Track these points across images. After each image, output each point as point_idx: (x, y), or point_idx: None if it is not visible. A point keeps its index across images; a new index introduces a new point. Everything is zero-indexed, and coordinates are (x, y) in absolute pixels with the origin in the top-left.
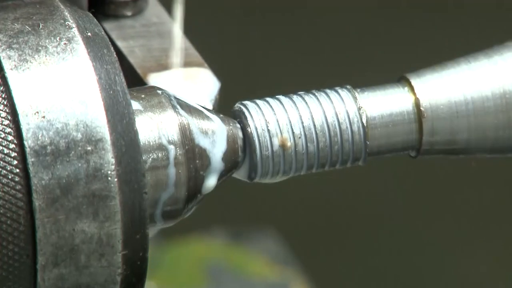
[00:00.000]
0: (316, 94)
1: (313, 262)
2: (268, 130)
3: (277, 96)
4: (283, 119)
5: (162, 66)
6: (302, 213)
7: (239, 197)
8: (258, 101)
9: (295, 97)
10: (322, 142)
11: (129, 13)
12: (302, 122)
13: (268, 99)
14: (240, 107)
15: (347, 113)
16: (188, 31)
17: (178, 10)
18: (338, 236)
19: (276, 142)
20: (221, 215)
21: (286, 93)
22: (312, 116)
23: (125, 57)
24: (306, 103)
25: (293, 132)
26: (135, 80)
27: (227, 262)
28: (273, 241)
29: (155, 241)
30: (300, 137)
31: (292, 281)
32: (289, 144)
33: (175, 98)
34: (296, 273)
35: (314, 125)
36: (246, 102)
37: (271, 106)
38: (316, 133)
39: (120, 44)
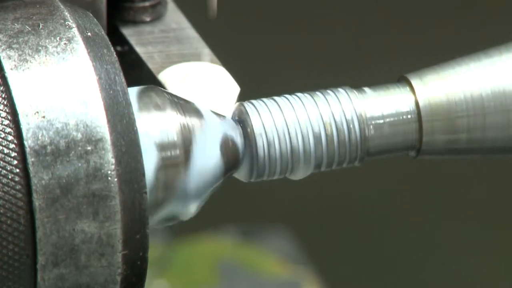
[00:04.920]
0: (316, 94)
1: (325, 260)
2: (268, 130)
3: (277, 97)
4: (283, 119)
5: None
6: (313, 211)
7: (250, 196)
8: (258, 101)
9: (295, 98)
10: (322, 142)
11: (147, 19)
12: (302, 122)
13: (268, 99)
14: (240, 107)
15: (347, 113)
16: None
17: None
18: (349, 235)
19: (276, 141)
20: (232, 214)
21: (286, 94)
22: (311, 116)
23: (144, 63)
24: (306, 103)
25: (293, 132)
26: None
27: (238, 261)
28: (284, 240)
29: (166, 240)
30: (300, 137)
31: (304, 280)
32: None
33: (176, 97)
34: (308, 272)
35: (314, 125)
36: (246, 102)
37: (271, 106)
38: (316, 133)
39: (139, 49)
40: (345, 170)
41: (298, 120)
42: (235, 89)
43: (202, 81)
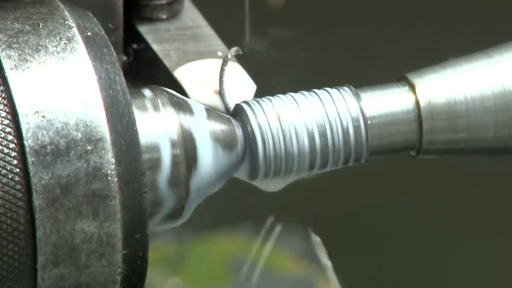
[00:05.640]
0: (316, 93)
1: (339, 257)
2: (268, 129)
3: (277, 96)
4: (283, 119)
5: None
6: (328, 208)
7: (265, 193)
8: (258, 100)
9: (295, 96)
10: (324, 142)
11: (164, 16)
12: (303, 121)
13: (268, 98)
14: (240, 106)
15: (347, 112)
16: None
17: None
18: (364, 232)
19: (277, 140)
20: (246, 211)
21: (287, 92)
22: (312, 115)
23: (161, 61)
24: (306, 102)
25: (293, 132)
26: (170, 84)
27: (252, 258)
28: (299, 237)
29: (180, 238)
30: (301, 136)
31: (318, 277)
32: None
33: (176, 97)
34: (322, 269)
35: (314, 125)
36: (247, 101)
37: (271, 106)
38: (318, 132)
39: (155, 47)
40: (360, 168)
41: (298, 119)
42: (252, 86)
43: (219, 79)
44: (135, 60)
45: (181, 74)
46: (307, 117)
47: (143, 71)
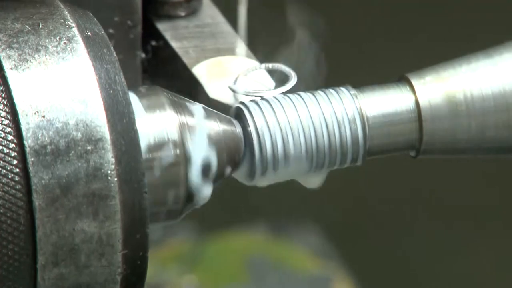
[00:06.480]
0: (316, 93)
1: (355, 255)
2: (268, 130)
3: (277, 96)
4: (283, 119)
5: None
6: (343, 206)
7: (280, 191)
8: (258, 101)
9: (295, 97)
10: (323, 142)
11: (182, 14)
12: (302, 122)
13: (268, 98)
14: (240, 107)
15: (347, 112)
16: None
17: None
18: (380, 230)
19: (277, 141)
20: (262, 209)
21: (287, 93)
22: (312, 115)
23: (179, 58)
24: (306, 102)
25: (292, 132)
26: (188, 81)
27: (268, 256)
28: (314, 235)
29: (196, 235)
30: (302, 137)
31: (334, 275)
32: None
33: (175, 97)
34: (338, 267)
35: (314, 125)
36: (246, 102)
37: (271, 106)
38: (316, 133)
39: (174, 44)
40: (375, 166)
41: (298, 120)
42: (270, 84)
43: (237, 76)
44: (153, 57)
45: (199, 71)
46: (306, 117)
47: (162, 68)
